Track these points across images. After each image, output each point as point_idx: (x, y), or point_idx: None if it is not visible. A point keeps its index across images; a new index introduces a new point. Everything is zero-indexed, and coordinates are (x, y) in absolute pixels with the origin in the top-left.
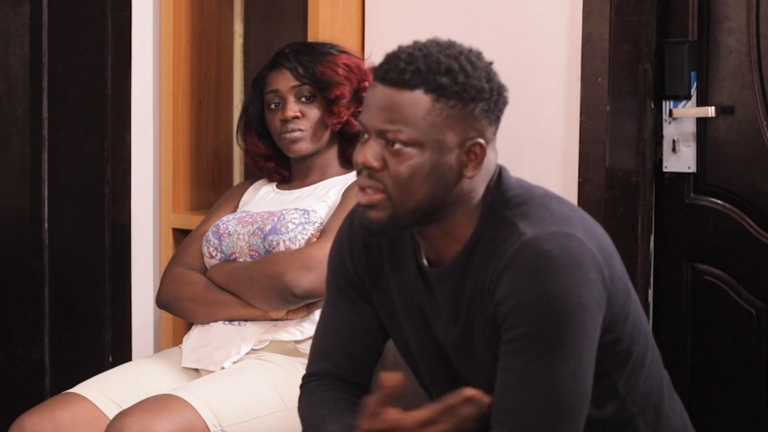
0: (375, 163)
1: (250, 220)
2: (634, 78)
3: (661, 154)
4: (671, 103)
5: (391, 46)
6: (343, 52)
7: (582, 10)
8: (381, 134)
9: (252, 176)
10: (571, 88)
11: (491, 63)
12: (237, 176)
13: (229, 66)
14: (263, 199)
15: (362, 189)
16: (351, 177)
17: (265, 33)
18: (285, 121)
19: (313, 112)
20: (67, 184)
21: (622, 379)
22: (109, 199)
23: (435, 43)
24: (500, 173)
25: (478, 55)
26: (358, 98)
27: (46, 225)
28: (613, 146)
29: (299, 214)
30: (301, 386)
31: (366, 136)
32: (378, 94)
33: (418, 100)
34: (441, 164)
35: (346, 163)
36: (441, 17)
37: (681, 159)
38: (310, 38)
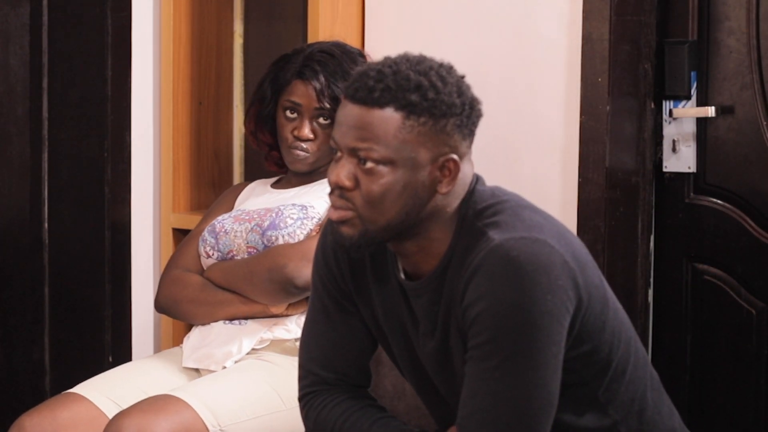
0: (347, 183)
1: (247, 217)
2: (634, 78)
3: (661, 154)
4: (671, 103)
5: (391, 46)
6: None
7: (582, 10)
8: (353, 152)
9: (252, 177)
10: (571, 88)
11: (463, 77)
12: (237, 176)
13: (229, 66)
14: (259, 197)
15: (333, 207)
16: None
17: (265, 33)
18: (297, 137)
19: (326, 134)
20: (67, 184)
21: (601, 388)
22: (109, 199)
23: (405, 59)
24: (475, 185)
25: (449, 69)
26: None
27: (46, 225)
28: (613, 146)
29: (297, 209)
30: (303, 398)
31: (339, 154)
32: (348, 112)
33: (389, 118)
34: (413, 182)
35: None
36: (441, 17)
37: (681, 159)
38: (310, 38)
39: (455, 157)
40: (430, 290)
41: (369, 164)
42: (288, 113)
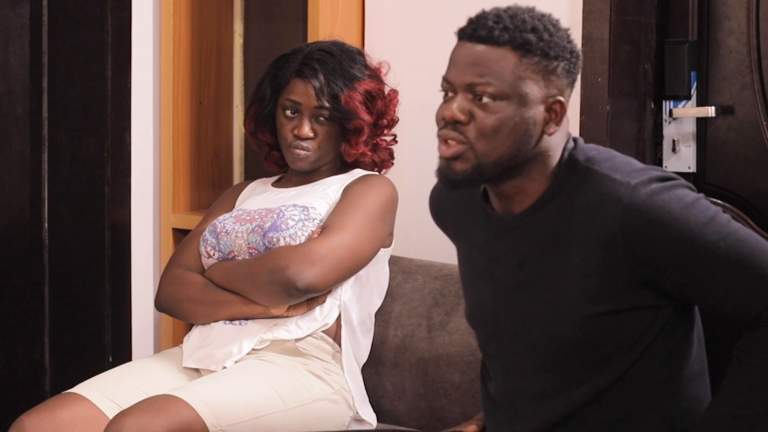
0: (461, 117)
1: (248, 218)
2: (634, 78)
3: (661, 154)
4: (671, 103)
5: (391, 46)
6: (372, 76)
7: (582, 10)
8: (469, 88)
9: (252, 177)
10: None
11: (569, 29)
12: (237, 176)
13: (229, 66)
14: (260, 196)
15: (444, 141)
16: (350, 176)
17: (265, 33)
18: (297, 136)
19: (326, 132)
20: (67, 184)
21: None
22: (109, 199)
23: (517, 7)
24: (576, 140)
25: (558, 21)
26: (377, 132)
27: (46, 225)
28: (613, 146)
29: (299, 210)
30: None
31: (450, 94)
32: (466, 50)
33: (506, 56)
34: (526, 118)
35: (345, 166)
36: (441, 17)
37: (681, 159)
38: (310, 38)
39: (562, 99)
40: (524, 224)
41: (485, 99)
42: (288, 112)
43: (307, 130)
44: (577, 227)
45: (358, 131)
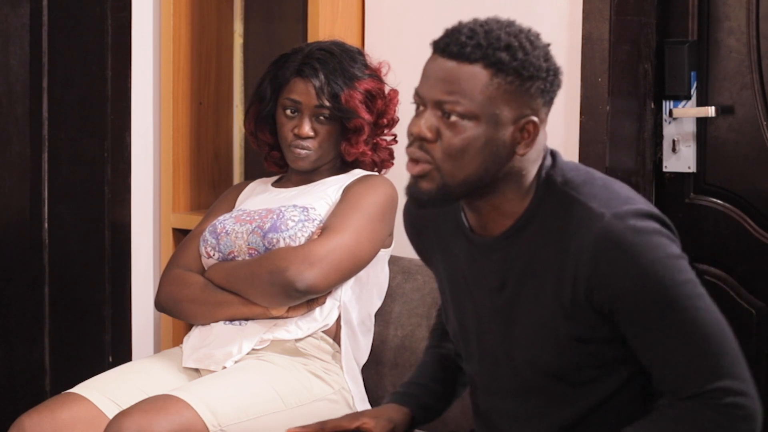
0: (429, 134)
1: (248, 218)
2: (634, 78)
3: (661, 154)
4: (671, 103)
5: (391, 47)
6: (372, 75)
7: (582, 10)
8: (438, 105)
9: (252, 177)
10: (571, 88)
11: (548, 45)
12: (237, 176)
13: (229, 66)
14: (260, 196)
15: (412, 160)
16: (350, 176)
17: (265, 33)
18: (297, 135)
19: (326, 131)
20: (67, 184)
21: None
22: (109, 199)
23: (495, 21)
24: (554, 155)
25: (537, 35)
26: (376, 132)
27: (46, 225)
28: (613, 146)
29: (299, 211)
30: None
31: (421, 108)
32: (438, 66)
33: (477, 74)
34: (494, 139)
35: (345, 166)
36: (441, 17)
37: (681, 159)
38: (310, 38)
39: (536, 119)
40: (504, 247)
41: (453, 118)
42: (288, 112)
43: (307, 129)
44: (552, 253)
45: (358, 130)
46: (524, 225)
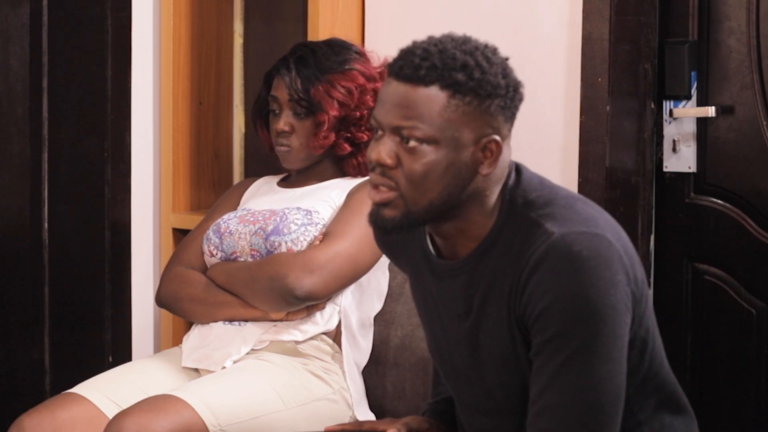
0: (389, 161)
1: (252, 219)
2: (634, 78)
3: (662, 154)
4: (671, 103)
5: (391, 47)
6: (353, 69)
7: (582, 10)
8: (396, 131)
9: (252, 177)
10: (571, 88)
11: (507, 59)
12: (237, 176)
13: (229, 66)
14: (264, 196)
15: (375, 187)
16: (353, 181)
17: (265, 33)
18: (277, 132)
19: (305, 128)
20: (67, 184)
21: (632, 387)
22: (109, 199)
23: (450, 39)
24: (519, 171)
25: (494, 50)
26: (351, 122)
27: (46, 225)
28: (613, 146)
29: (302, 214)
30: None
31: (380, 132)
32: (393, 90)
33: (434, 97)
34: (456, 162)
35: (343, 172)
36: (441, 17)
37: (681, 159)
38: (311, 37)
39: (497, 138)
40: (467, 271)
41: (412, 143)
42: (274, 110)
43: (281, 124)
44: (510, 275)
45: (322, 124)
46: (487, 248)
